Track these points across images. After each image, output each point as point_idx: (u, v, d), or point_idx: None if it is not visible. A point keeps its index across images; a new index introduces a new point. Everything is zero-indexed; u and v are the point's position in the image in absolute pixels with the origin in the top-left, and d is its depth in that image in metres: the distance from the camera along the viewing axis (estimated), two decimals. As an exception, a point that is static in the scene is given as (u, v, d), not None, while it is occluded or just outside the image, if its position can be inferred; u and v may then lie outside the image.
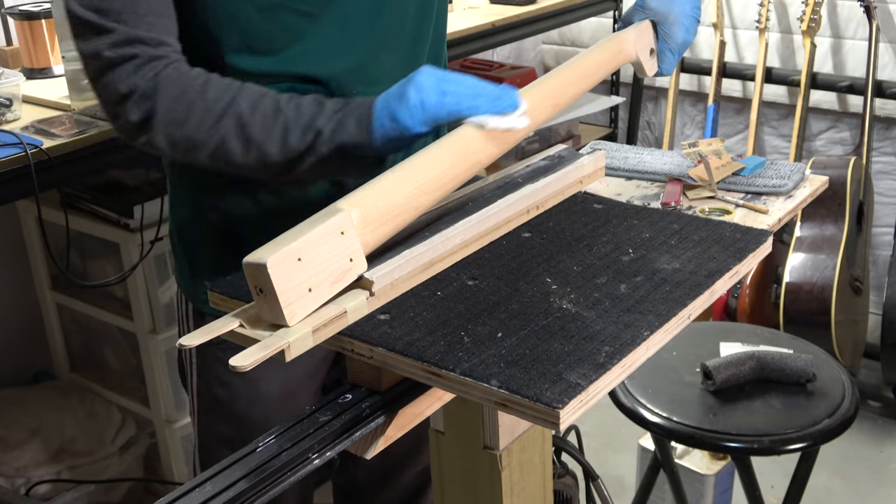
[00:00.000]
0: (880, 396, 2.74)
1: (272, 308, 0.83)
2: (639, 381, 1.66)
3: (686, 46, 1.25)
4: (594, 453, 2.45)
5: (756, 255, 1.04)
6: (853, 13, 2.76)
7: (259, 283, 0.82)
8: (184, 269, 1.30)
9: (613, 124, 3.29)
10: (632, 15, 1.23)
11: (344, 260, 0.87)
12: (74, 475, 2.13)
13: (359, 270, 0.89)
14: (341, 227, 0.87)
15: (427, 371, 0.85)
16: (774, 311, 2.58)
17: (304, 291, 0.84)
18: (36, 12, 2.00)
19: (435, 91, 0.98)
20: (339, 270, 0.87)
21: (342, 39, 1.14)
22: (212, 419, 1.36)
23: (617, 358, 0.83)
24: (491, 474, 1.00)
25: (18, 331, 2.32)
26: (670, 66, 1.25)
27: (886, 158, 2.85)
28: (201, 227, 1.25)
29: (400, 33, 1.18)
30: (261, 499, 0.80)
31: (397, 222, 0.93)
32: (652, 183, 1.31)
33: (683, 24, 1.23)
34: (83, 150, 1.73)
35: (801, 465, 1.70)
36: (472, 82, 1.00)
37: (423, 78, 0.98)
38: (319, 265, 0.85)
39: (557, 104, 1.08)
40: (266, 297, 0.82)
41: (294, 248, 0.83)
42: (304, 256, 0.84)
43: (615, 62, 1.19)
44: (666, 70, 1.26)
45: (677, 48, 1.24)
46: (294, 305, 0.83)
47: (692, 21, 1.24)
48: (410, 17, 1.19)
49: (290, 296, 0.83)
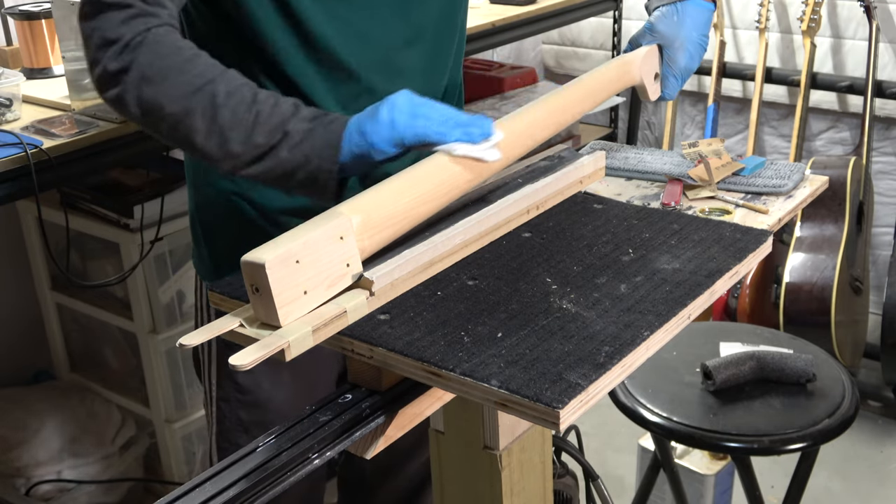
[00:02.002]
0: (880, 396, 2.74)
1: (266, 308, 0.83)
2: (639, 381, 1.66)
3: (689, 73, 1.27)
4: (594, 453, 2.45)
5: (756, 255, 1.04)
6: (853, 13, 2.76)
7: (256, 282, 0.82)
8: (204, 256, 1.30)
9: (613, 124, 3.29)
10: (640, 38, 1.25)
11: (341, 265, 0.87)
12: (74, 475, 2.13)
13: (357, 273, 0.89)
14: (341, 232, 0.87)
15: (427, 371, 0.85)
16: (774, 311, 2.58)
17: (300, 294, 0.84)
18: (36, 12, 2.00)
19: (407, 112, 0.96)
20: (335, 275, 0.87)
21: (371, 27, 1.15)
22: (232, 406, 1.36)
23: (617, 358, 0.83)
24: (491, 474, 1.00)
25: (18, 331, 2.32)
26: (673, 91, 1.26)
27: (886, 158, 2.85)
28: (225, 210, 1.25)
29: (426, 26, 1.20)
30: (261, 499, 0.80)
31: (395, 229, 0.93)
32: (652, 183, 1.31)
33: (689, 50, 1.25)
34: (83, 150, 1.73)
35: (801, 465, 1.70)
36: (446, 110, 0.98)
37: (397, 98, 0.97)
38: (317, 268, 0.85)
39: (535, 137, 1.07)
40: (261, 296, 0.83)
41: (293, 249, 0.83)
42: (302, 259, 0.84)
43: (620, 84, 1.21)
44: (668, 95, 1.27)
45: (680, 74, 1.26)
46: (289, 307, 0.83)
47: (698, 48, 1.26)
48: (436, 11, 1.21)
49: (286, 297, 0.83)
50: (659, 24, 1.24)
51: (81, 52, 1.76)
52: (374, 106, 0.98)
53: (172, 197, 2.01)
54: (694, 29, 1.24)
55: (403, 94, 0.98)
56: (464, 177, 0.98)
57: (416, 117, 0.97)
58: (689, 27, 1.24)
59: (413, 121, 0.96)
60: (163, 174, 2.05)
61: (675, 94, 1.27)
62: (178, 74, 1.00)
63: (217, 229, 1.28)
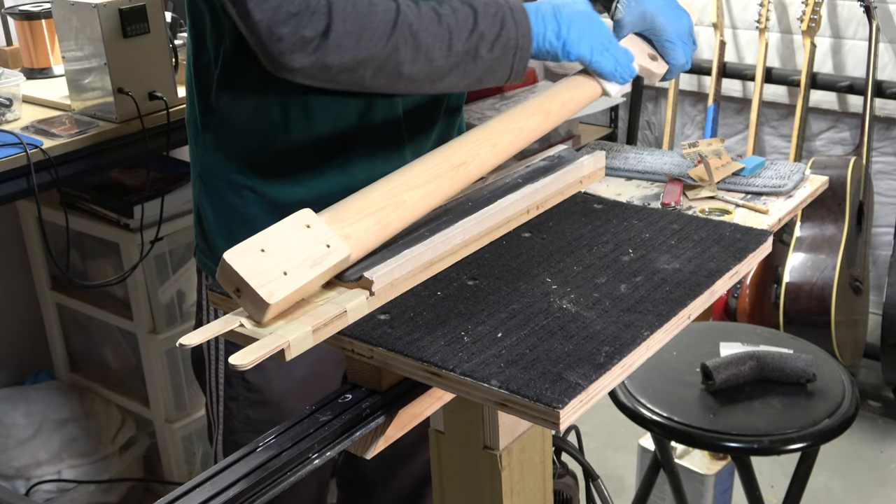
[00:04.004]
0: (880, 396, 2.74)
1: (251, 298, 0.82)
2: (639, 381, 1.66)
3: (683, 32, 1.22)
4: (594, 453, 2.45)
5: (756, 255, 1.04)
6: (853, 13, 2.76)
7: (232, 282, 0.83)
8: (211, 249, 1.30)
9: (613, 124, 3.29)
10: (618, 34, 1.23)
11: (319, 246, 0.87)
12: (74, 475, 2.13)
13: (341, 254, 0.88)
14: (305, 222, 0.88)
15: (427, 371, 0.85)
16: (774, 311, 2.58)
17: (279, 274, 0.83)
18: (36, 12, 2.00)
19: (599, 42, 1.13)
20: (316, 254, 0.87)
21: None
22: (240, 405, 1.37)
23: (617, 358, 0.83)
24: (491, 474, 1.00)
25: (18, 331, 2.32)
26: (678, 56, 1.22)
27: (886, 158, 2.85)
28: (235, 203, 1.26)
29: None
30: (261, 499, 0.80)
31: (380, 216, 0.93)
32: (652, 183, 1.31)
33: (666, 13, 1.21)
34: (83, 150, 1.73)
35: (801, 465, 1.70)
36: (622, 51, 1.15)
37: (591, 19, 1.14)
38: (289, 253, 0.85)
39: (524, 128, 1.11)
40: (243, 292, 0.83)
41: (253, 241, 0.84)
42: (267, 248, 0.84)
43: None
44: (675, 61, 1.22)
45: (675, 36, 1.21)
46: (270, 286, 0.82)
47: (671, 7, 1.22)
48: None
49: (262, 279, 0.82)
50: (624, 17, 1.21)
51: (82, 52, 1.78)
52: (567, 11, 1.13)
53: (172, 197, 2.01)
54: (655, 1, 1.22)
55: (591, 14, 1.15)
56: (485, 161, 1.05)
57: (608, 49, 1.14)
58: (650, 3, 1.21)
59: (605, 51, 1.14)
60: (163, 174, 2.05)
61: (683, 58, 1.22)
62: (373, 18, 1.05)
63: (225, 222, 1.28)
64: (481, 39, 1.08)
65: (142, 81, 1.80)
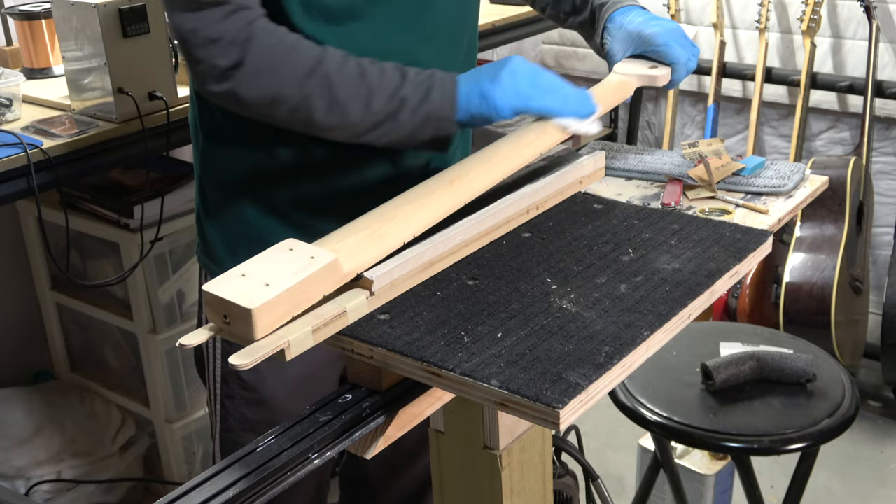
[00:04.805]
0: (880, 396, 2.74)
1: (237, 315, 0.81)
2: (639, 381, 1.66)
3: (674, 34, 1.22)
4: (594, 453, 2.45)
5: (756, 255, 1.04)
6: (853, 13, 2.76)
7: (218, 310, 0.82)
8: (212, 247, 1.30)
9: (613, 124, 3.29)
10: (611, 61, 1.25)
11: (303, 259, 0.86)
12: (74, 475, 2.13)
13: (326, 259, 0.87)
14: (288, 246, 0.88)
15: (427, 371, 0.85)
16: (774, 311, 2.58)
17: (260, 286, 0.82)
18: (36, 12, 2.00)
19: (529, 83, 1.05)
20: (298, 265, 0.86)
21: (392, 25, 1.17)
22: (236, 404, 1.37)
23: (617, 358, 0.84)
24: (491, 474, 1.00)
25: (18, 331, 2.32)
26: (678, 53, 1.21)
27: (886, 158, 2.85)
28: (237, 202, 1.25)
29: (441, 25, 1.22)
30: (261, 499, 0.80)
31: (371, 230, 0.93)
32: (652, 183, 1.31)
33: (650, 27, 1.22)
34: (83, 150, 1.73)
35: (801, 465, 1.70)
36: (561, 85, 1.08)
37: (517, 66, 1.05)
38: (272, 268, 0.85)
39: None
40: (230, 316, 0.82)
41: (232, 270, 0.84)
42: (248, 272, 0.84)
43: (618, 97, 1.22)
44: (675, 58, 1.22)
45: (666, 39, 1.21)
46: (251, 296, 0.81)
47: (653, 18, 1.23)
48: (451, 11, 1.23)
49: (242, 293, 0.81)
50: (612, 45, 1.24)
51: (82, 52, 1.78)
52: (490, 68, 1.06)
53: (172, 197, 2.01)
54: (628, 14, 1.23)
55: (520, 61, 1.06)
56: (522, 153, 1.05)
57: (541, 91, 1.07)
58: (628, 20, 1.22)
59: (537, 94, 1.06)
60: (163, 174, 2.05)
61: (684, 55, 1.22)
62: (289, 62, 1.05)
63: (224, 222, 1.28)
64: (403, 103, 1.06)
65: (142, 81, 1.79)
